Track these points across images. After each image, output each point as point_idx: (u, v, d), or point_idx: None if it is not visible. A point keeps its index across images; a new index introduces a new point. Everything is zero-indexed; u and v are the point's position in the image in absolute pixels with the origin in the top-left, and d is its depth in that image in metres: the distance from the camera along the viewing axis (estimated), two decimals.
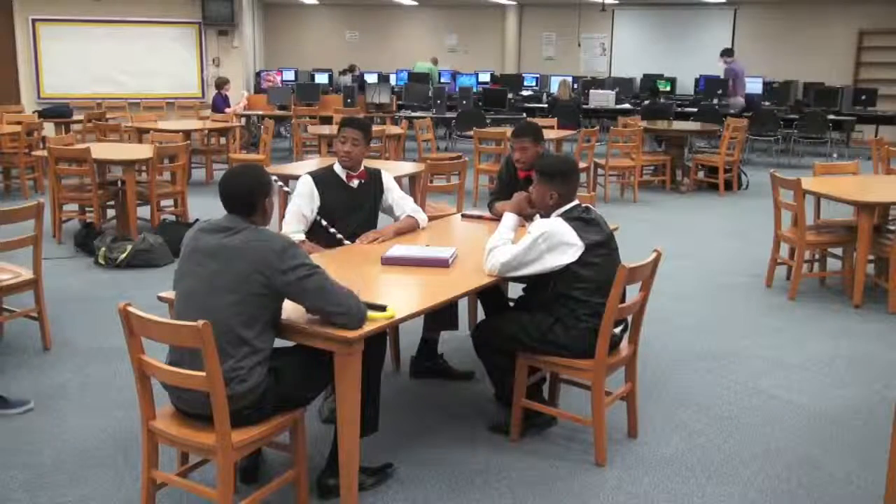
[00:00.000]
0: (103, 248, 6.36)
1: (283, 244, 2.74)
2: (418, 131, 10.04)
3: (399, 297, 3.20)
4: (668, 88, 16.03)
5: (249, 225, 2.79)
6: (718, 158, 10.11)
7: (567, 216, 3.37)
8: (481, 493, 3.17)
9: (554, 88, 15.10)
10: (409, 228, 4.18)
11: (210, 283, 2.71)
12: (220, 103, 12.31)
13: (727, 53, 13.44)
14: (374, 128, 9.34)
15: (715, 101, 13.59)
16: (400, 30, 20.08)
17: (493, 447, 3.52)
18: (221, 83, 12.55)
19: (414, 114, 12.94)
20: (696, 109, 13.18)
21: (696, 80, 16.36)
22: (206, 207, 8.07)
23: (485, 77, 16.69)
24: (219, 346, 2.58)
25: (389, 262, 3.57)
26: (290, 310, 2.86)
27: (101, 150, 7.45)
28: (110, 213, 7.65)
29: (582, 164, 8.81)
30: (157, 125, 10.40)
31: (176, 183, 7.75)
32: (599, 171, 9.78)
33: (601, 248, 3.34)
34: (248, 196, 2.81)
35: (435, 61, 17.07)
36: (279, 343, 2.86)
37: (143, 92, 14.14)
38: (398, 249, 3.68)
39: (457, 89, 14.39)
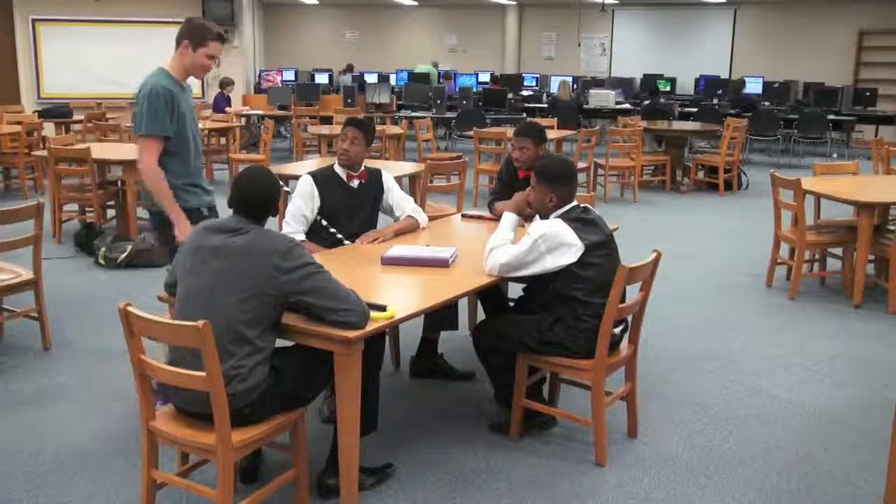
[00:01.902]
0: (103, 248, 6.36)
1: (287, 244, 2.75)
2: (418, 131, 10.04)
3: (399, 297, 3.20)
4: (668, 88, 16.03)
5: (255, 226, 2.80)
6: (718, 158, 10.12)
7: (566, 217, 3.37)
8: (481, 493, 3.17)
9: (554, 88, 15.11)
10: (410, 228, 4.18)
11: (214, 282, 2.72)
12: (222, 102, 12.32)
13: None
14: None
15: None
16: (400, 30, 20.09)
17: (493, 447, 3.52)
18: (226, 83, 12.57)
19: (414, 114, 12.95)
20: (696, 109, 13.19)
21: (696, 80, 16.38)
22: None
23: (485, 77, 16.70)
24: (221, 345, 2.59)
25: (389, 262, 3.57)
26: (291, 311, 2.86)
27: (101, 150, 7.45)
28: (110, 213, 7.65)
29: (582, 165, 8.83)
30: None
31: None
32: (599, 171, 9.78)
33: (601, 249, 3.34)
34: (265, 204, 2.86)
35: (436, 65, 17.07)
36: (279, 343, 2.86)
37: None
38: (398, 249, 3.68)
39: (457, 89, 14.39)
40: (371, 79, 16.00)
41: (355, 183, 4.15)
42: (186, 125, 3.66)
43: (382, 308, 2.86)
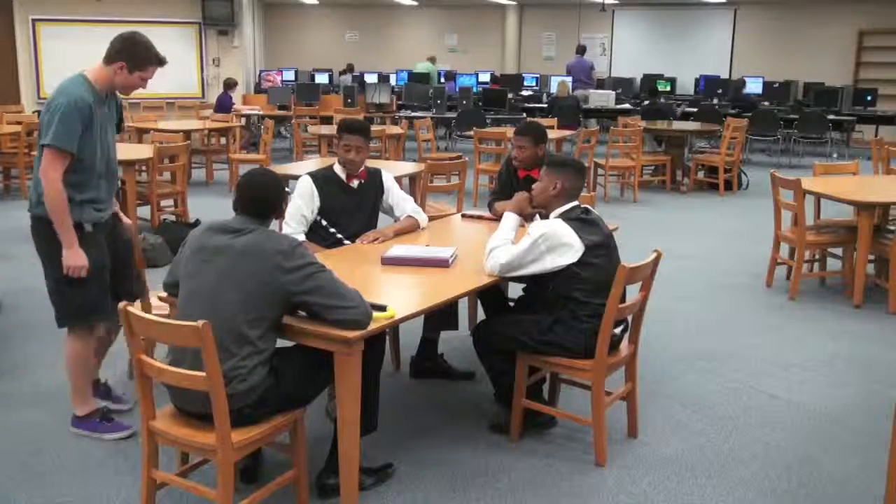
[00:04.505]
0: None
1: (290, 244, 2.76)
2: (418, 131, 10.04)
3: (399, 297, 3.20)
4: (668, 88, 16.02)
5: (258, 226, 2.81)
6: (718, 158, 10.12)
7: (566, 217, 3.38)
8: (481, 493, 3.17)
9: (554, 88, 15.12)
10: (410, 228, 4.18)
11: (217, 282, 2.72)
12: (227, 102, 12.34)
13: (580, 51, 15.53)
14: (374, 128, 9.37)
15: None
16: (400, 30, 20.08)
17: (493, 447, 3.52)
18: (230, 84, 12.59)
19: (414, 114, 12.94)
20: (696, 109, 13.19)
21: (696, 80, 16.38)
22: (207, 207, 8.07)
23: (485, 77, 16.68)
24: (222, 345, 2.59)
25: (389, 262, 3.57)
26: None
27: None
28: None
29: None
30: (157, 125, 10.40)
31: (176, 183, 7.75)
32: (599, 171, 9.78)
33: (601, 249, 3.34)
34: (268, 205, 2.88)
35: (433, 60, 16.99)
36: (279, 343, 2.86)
37: (143, 92, 14.04)
38: (398, 249, 3.68)
39: (457, 89, 14.39)
40: (371, 79, 15.99)
41: (355, 183, 4.16)
42: (96, 141, 3.42)
43: (382, 308, 2.86)
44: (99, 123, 3.41)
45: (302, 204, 4.02)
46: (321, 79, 16.61)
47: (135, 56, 3.38)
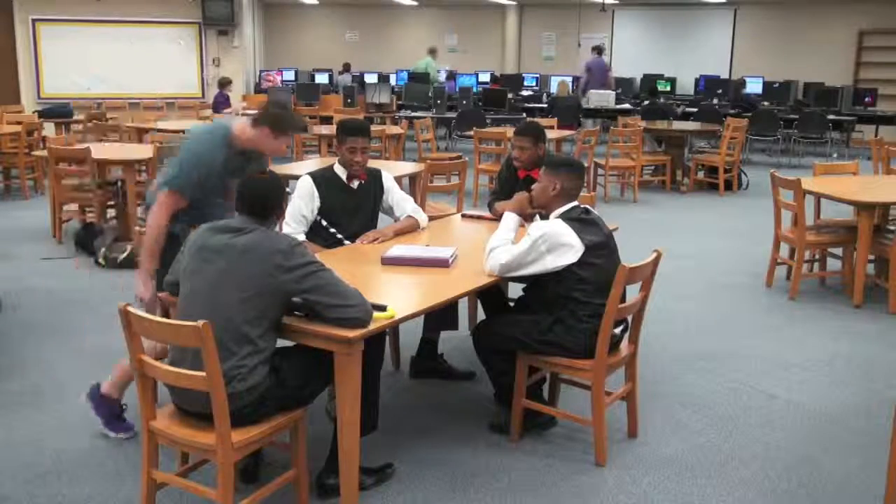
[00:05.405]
0: (103, 248, 6.36)
1: (289, 243, 2.77)
2: (418, 131, 10.03)
3: (399, 297, 3.20)
4: (668, 88, 16.03)
5: (258, 226, 2.81)
6: (718, 158, 10.12)
7: (567, 217, 3.38)
8: (481, 493, 3.17)
9: (554, 88, 15.13)
10: (410, 228, 4.18)
11: (217, 281, 2.73)
12: (222, 101, 12.33)
13: (598, 51, 15.14)
14: (374, 128, 9.37)
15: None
16: (400, 30, 20.08)
17: (493, 447, 3.52)
18: (225, 82, 12.58)
19: (414, 114, 12.94)
20: (696, 109, 13.19)
21: (696, 80, 16.38)
22: None
23: (485, 77, 16.67)
24: (223, 344, 2.60)
25: (389, 262, 3.57)
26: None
27: (101, 150, 7.44)
28: (111, 212, 7.64)
29: None
30: (157, 125, 10.40)
31: None
32: (599, 170, 9.78)
33: (601, 249, 3.34)
34: (270, 203, 2.88)
35: (433, 52, 16.56)
36: (279, 343, 2.86)
37: (143, 92, 14.15)
38: (398, 249, 3.68)
39: (457, 89, 14.38)
40: (371, 79, 15.98)
41: (355, 183, 4.15)
42: (216, 186, 3.56)
43: (383, 308, 2.86)
44: (228, 172, 3.56)
45: (302, 204, 4.02)
46: (321, 79, 16.62)
47: (280, 124, 3.59)
